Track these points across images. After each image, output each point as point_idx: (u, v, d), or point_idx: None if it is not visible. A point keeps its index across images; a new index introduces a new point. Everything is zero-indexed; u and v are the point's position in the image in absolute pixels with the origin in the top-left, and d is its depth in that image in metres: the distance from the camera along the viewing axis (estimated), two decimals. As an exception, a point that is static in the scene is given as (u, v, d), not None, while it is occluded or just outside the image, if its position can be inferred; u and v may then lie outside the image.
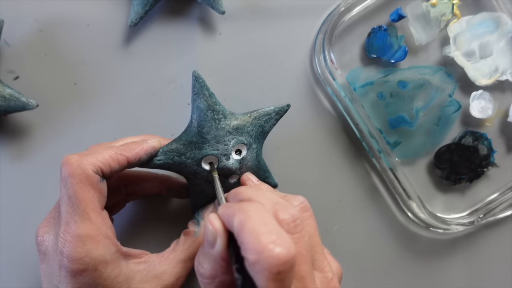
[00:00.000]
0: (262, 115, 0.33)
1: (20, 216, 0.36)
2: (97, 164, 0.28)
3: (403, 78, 0.38)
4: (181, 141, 0.32)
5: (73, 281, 0.27)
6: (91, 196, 0.27)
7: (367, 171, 0.39)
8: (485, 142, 0.38)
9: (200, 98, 0.32)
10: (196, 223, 0.33)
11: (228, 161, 0.32)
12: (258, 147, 0.34)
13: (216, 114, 0.32)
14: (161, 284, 0.30)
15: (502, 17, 0.38)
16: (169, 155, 0.31)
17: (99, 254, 0.27)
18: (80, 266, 0.27)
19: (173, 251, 0.32)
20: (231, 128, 0.32)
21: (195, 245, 0.32)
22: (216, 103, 0.32)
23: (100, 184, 0.28)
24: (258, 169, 0.34)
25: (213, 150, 0.32)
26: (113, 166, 0.29)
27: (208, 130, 0.32)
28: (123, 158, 0.29)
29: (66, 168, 0.27)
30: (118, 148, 0.30)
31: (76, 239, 0.27)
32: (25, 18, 0.37)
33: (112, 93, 0.37)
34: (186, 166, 0.32)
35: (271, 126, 0.34)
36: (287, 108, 0.34)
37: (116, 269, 0.28)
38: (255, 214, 0.23)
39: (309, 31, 0.39)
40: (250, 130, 0.33)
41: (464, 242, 0.39)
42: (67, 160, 0.28)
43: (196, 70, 0.32)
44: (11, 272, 0.36)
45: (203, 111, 0.32)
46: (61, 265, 0.27)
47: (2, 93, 0.34)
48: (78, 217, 0.27)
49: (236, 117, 0.33)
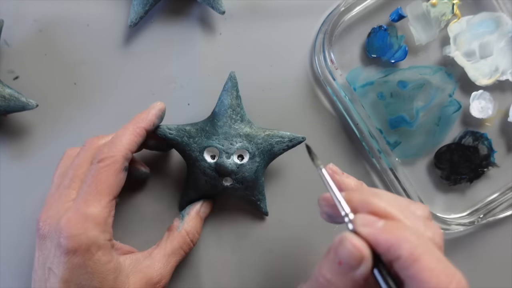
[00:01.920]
0: (276, 135, 0.35)
1: (19, 216, 0.36)
2: (126, 148, 0.30)
3: (403, 78, 0.38)
4: (196, 126, 0.34)
5: (65, 260, 0.28)
6: (111, 182, 0.30)
7: (367, 171, 0.39)
8: (485, 142, 0.38)
9: (227, 95, 0.34)
10: (180, 218, 0.34)
11: (228, 160, 0.33)
12: (260, 163, 0.34)
13: (235, 114, 0.34)
14: (145, 278, 0.31)
15: (502, 17, 0.38)
16: (180, 133, 0.34)
17: (94, 235, 0.28)
18: (75, 244, 0.28)
19: (157, 246, 0.33)
20: (242, 132, 0.34)
21: (178, 239, 0.33)
22: (239, 106, 0.34)
23: (122, 173, 0.30)
24: (253, 186, 0.35)
25: (218, 143, 0.33)
26: (137, 141, 0.31)
27: (222, 124, 0.34)
28: (141, 129, 0.32)
29: (99, 154, 0.30)
30: (131, 124, 0.32)
31: (80, 216, 0.28)
32: (25, 18, 0.37)
33: (112, 93, 0.38)
34: (190, 150, 0.34)
35: (281, 150, 0.35)
36: (302, 140, 0.35)
37: (106, 256, 0.29)
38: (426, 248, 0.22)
39: (309, 31, 0.39)
40: (259, 143, 0.34)
41: (464, 242, 0.39)
42: (99, 148, 0.31)
43: (233, 71, 0.34)
44: (11, 272, 0.36)
45: (225, 107, 0.34)
46: (58, 245, 0.28)
47: (2, 93, 0.34)
48: (92, 196, 0.29)
49: (252, 126, 0.34)
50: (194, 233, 0.34)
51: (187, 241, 0.34)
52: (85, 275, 0.28)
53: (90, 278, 0.28)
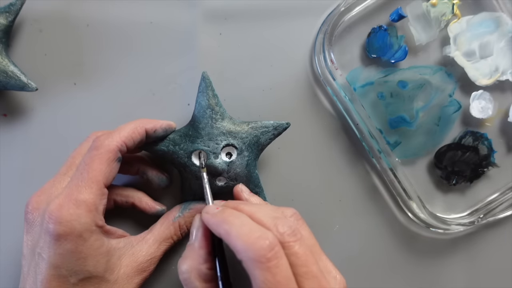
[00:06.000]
0: (260, 126, 0.35)
1: (19, 214, 0.36)
2: (122, 140, 0.31)
3: (403, 78, 0.38)
4: (179, 132, 0.34)
5: (56, 246, 0.28)
6: (103, 170, 0.30)
7: (367, 171, 0.39)
8: (485, 142, 0.38)
9: (203, 96, 0.34)
10: (180, 209, 0.35)
11: (216, 160, 0.33)
12: (250, 157, 0.34)
13: (215, 114, 0.34)
14: (136, 261, 0.32)
15: (502, 17, 0.38)
16: (165, 143, 0.34)
17: (87, 221, 0.29)
18: (67, 229, 0.28)
19: (149, 231, 0.34)
20: (225, 130, 0.34)
21: (171, 228, 0.34)
22: (217, 104, 0.34)
23: (115, 163, 0.31)
24: (248, 180, 0.35)
25: (204, 146, 0.33)
26: (135, 138, 0.32)
27: (204, 126, 0.34)
28: (142, 129, 0.32)
29: (95, 142, 0.31)
30: (135, 121, 0.33)
31: (72, 201, 0.29)
32: (25, 18, 0.37)
33: (112, 93, 0.37)
34: (178, 157, 0.34)
35: (268, 140, 0.35)
36: (286, 126, 0.35)
37: (98, 240, 0.30)
38: (236, 220, 0.27)
39: (309, 31, 0.39)
40: (245, 137, 0.34)
41: (464, 242, 0.39)
42: (97, 137, 0.31)
43: (205, 71, 0.34)
44: (12, 271, 0.36)
45: (203, 108, 0.34)
46: (47, 231, 0.28)
47: (5, 69, 0.34)
48: (83, 183, 0.29)
49: (234, 122, 0.34)
50: (186, 229, 0.35)
51: (178, 234, 0.34)
52: (78, 261, 0.28)
53: (83, 263, 0.29)
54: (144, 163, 0.36)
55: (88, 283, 0.29)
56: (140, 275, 0.32)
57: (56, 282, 0.28)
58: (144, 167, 0.36)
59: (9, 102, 0.37)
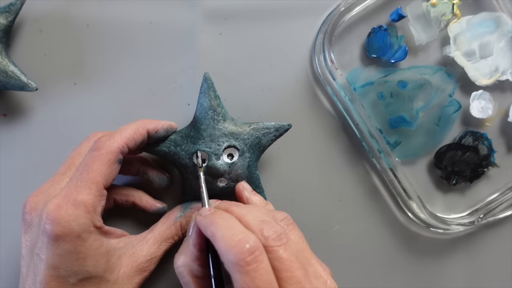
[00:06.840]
0: (261, 128, 0.35)
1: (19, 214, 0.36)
2: (124, 141, 0.31)
3: (403, 78, 0.38)
4: (180, 133, 0.34)
5: (54, 247, 0.28)
6: (103, 171, 0.30)
7: (367, 171, 0.39)
8: (485, 142, 0.38)
9: (205, 97, 0.34)
10: (181, 209, 0.34)
11: (218, 161, 0.33)
12: (251, 158, 0.34)
13: (217, 115, 0.34)
14: (136, 261, 0.32)
15: (502, 17, 0.38)
16: (167, 144, 0.34)
17: (86, 222, 0.29)
18: (65, 230, 0.28)
19: (150, 231, 0.34)
20: (227, 131, 0.34)
21: (172, 228, 0.34)
22: (219, 106, 0.34)
23: (116, 165, 0.31)
24: (249, 181, 0.35)
25: (205, 147, 0.33)
26: (137, 139, 0.31)
27: (206, 127, 0.34)
28: (144, 129, 0.32)
29: (96, 142, 0.30)
30: (137, 122, 0.32)
31: (70, 202, 0.28)
32: (25, 18, 0.37)
33: (112, 93, 0.38)
34: (179, 158, 0.34)
35: (269, 141, 0.35)
36: (288, 128, 0.35)
37: (98, 241, 0.30)
38: (223, 223, 0.26)
39: (309, 31, 0.39)
40: (246, 138, 0.34)
41: (464, 242, 0.39)
42: (98, 138, 0.31)
43: (207, 72, 0.34)
44: (12, 271, 0.36)
45: (205, 109, 0.34)
46: (44, 231, 0.28)
47: (5, 69, 0.34)
48: (83, 183, 0.29)
49: (236, 123, 0.34)
50: None
51: (179, 234, 0.34)
52: (77, 261, 0.28)
53: (82, 263, 0.29)
54: (144, 163, 0.36)
55: (87, 283, 0.29)
56: (140, 275, 0.32)
57: (55, 282, 0.28)
58: (145, 167, 0.36)
59: (9, 102, 0.37)
